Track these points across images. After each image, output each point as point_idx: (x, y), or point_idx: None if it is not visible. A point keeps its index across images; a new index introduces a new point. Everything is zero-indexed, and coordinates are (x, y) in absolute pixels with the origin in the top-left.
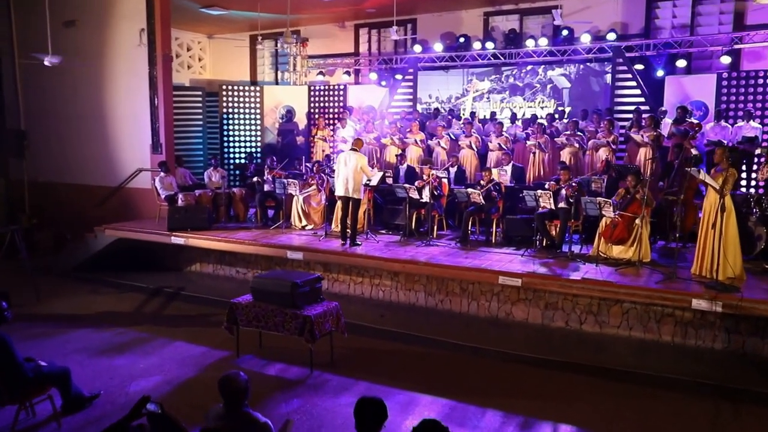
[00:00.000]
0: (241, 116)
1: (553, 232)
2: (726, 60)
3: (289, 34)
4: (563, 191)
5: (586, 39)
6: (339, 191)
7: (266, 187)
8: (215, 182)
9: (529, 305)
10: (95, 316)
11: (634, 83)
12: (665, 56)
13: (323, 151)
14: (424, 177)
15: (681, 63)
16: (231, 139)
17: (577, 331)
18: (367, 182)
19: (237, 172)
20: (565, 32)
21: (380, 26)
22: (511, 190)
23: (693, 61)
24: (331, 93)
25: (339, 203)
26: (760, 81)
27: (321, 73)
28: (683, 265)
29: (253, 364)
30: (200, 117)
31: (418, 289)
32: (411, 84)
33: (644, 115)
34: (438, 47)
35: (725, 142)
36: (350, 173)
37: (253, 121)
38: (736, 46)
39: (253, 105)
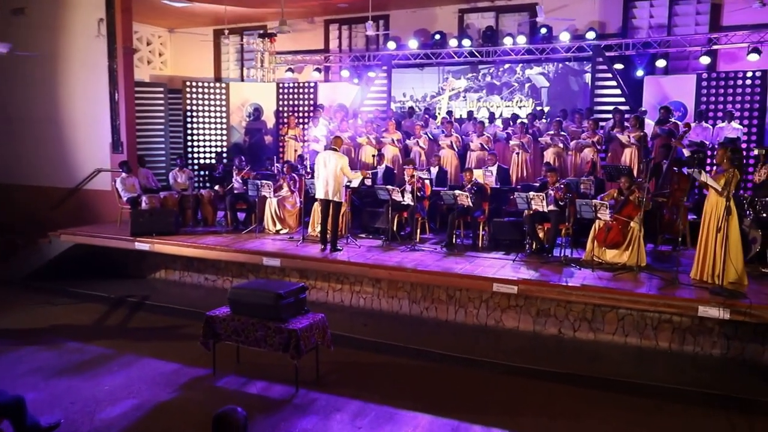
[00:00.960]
0: (206, 114)
1: (541, 235)
2: (705, 60)
3: (284, 21)
4: (551, 193)
5: (565, 37)
6: (319, 194)
7: (236, 189)
8: (181, 183)
9: (520, 312)
10: (51, 330)
11: (614, 83)
12: (645, 56)
13: (295, 150)
14: (407, 178)
15: (661, 63)
16: (195, 138)
17: (571, 339)
18: (348, 183)
19: (204, 173)
20: (543, 30)
21: (351, 22)
22: (496, 191)
23: (670, 61)
24: (300, 91)
25: (317, 206)
26: (739, 82)
27: (290, 69)
28: (680, 270)
29: (232, 382)
30: (162, 115)
31: (401, 297)
32: (385, 82)
33: (627, 116)
34: (413, 44)
35: (707, 143)
36: (330, 175)
37: (218, 120)
38: (714, 47)
39: (218, 103)
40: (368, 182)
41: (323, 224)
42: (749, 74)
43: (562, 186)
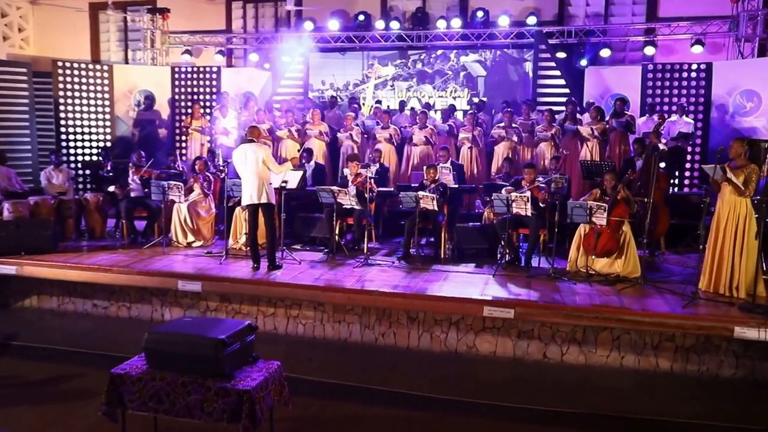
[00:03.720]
0: (84, 102)
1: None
2: (650, 51)
3: None
4: (528, 193)
5: (504, 22)
6: (244, 199)
7: (133, 192)
8: (58, 186)
9: (497, 335)
10: None
11: (557, 72)
12: (587, 46)
13: (202, 144)
14: (350, 177)
15: (605, 53)
16: (72, 131)
17: (558, 365)
18: (283, 184)
19: (87, 171)
20: (480, 14)
21: (257, 0)
22: (453, 192)
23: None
24: (200, 77)
25: (240, 212)
26: (685, 74)
27: (187, 52)
28: (673, 279)
29: None
30: (26, 102)
31: (351, 321)
32: (301, 68)
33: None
34: (333, 25)
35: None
36: (252, 172)
37: (99, 109)
38: (659, 38)
39: (99, 89)
40: (289, 184)
41: (252, 236)
42: (694, 66)
43: (543, 185)
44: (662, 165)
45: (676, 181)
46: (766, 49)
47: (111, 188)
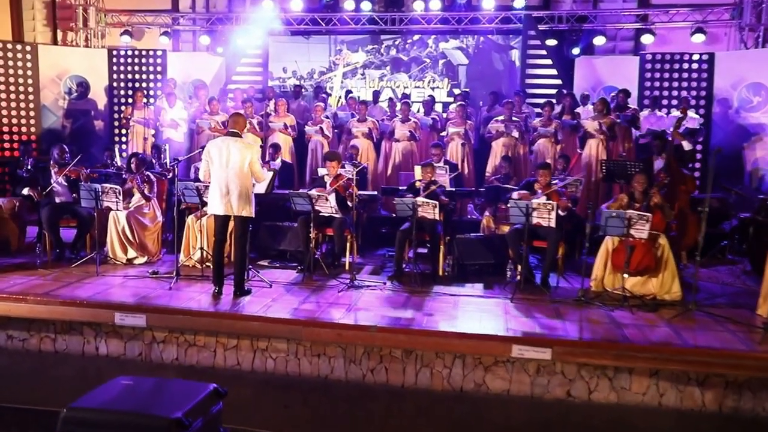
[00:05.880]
0: (2, 89)
1: None
2: (648, 40)
3: None
4: (543, 198)
5: (489, 5)
6: (215, 207)
7: (57, 196)
8: None
9: (511, 371)
10: None
11: (548, 62)
12: (579, 33)
13: (145, 138)
14: (328, 179)
15: (599, 40)
16: None
17: (584, 405)
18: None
19: (6, 172)
20: None
21: None
22: (449, 197)
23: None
24: (142, 61)
25: (193, 222)
26: (686, 65)
27: (127, 33)
28: (719, 301)
29: None
30: None
31: (332, 354)
32: (259, 53)
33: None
34: (296, 5)
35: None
36: (233, 176)
37: (22, 96)
38: (658, 25)
39: (19, 73)
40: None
41: (218, 254)
42: (696, 57)
43: (563, 190)
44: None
45: None
46: None
47: (25, 191)
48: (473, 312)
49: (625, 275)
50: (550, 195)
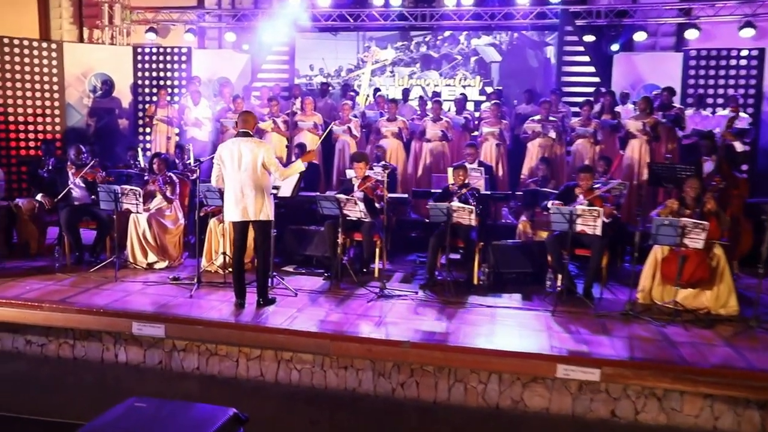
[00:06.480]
0: (27, 87)
1: None
2: (692, 35)
3: None
4: (585, 203)
5: (523, 0)
6: (228, 213)
7: (76, 198)
8: None
9: (551, 387)
10: None
11: (585, 58)
12: (618, 28)
13: (168, 138)
14: (356, 181)
15: (640, 36)
16: (11, 119)
17: (631, 427)
18: (274, 190)
19: (23, 171)
20: None
21: None
22: (484, 201)
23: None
24: (167, 59)
25: (216, 226)
26: (733, 62)
27: (152, 30)
28: None
29: None
30: None
31: (360, 366)
32: (286, 50)
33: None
34: (324, 1)
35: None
36: (247, 178)
37: (47, 95)
38: (703, 20)
39: (45, 71)
40: (282, 191)
41: (238, 263)
42: (744, 53)
43: (607, 195)
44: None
45: None
46: None
47: (39, 196)
48: (512, 326)
49: (676, 287)
50: (592, 200)
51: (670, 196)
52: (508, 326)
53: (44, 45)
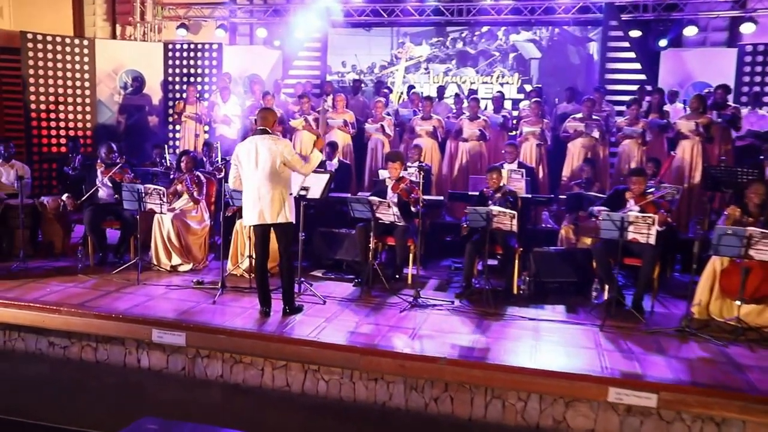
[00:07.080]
0: (59, 83)
1: None
2: (749, 29)
3: None
4: (636, 209)
5: None
6: (247, 216)
7: (102, 197)
8: (7, 185)
9: (597, 408)
10: None
11: (630, 55)
12: (668, 23)
13: (197, 135)
14: (389, 182)
15: (690, 31)
16: (44, 116)
17: None
18: (303, 192)
19: (50, 168)
20: None
21: None
22: (524, 204)
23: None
24: (198, 55)
25: (242, 228)
26: None
27: (183, 26)
28: None
29: None
30: None
31: (391, 380)
32: (318, 46)
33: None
34: None
35: None
36: (264, 178)
37: (78, 91)
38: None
39: (77, 68)
40: (311, 192)
41: (260, 270)
42: None
43: (661, 200)
44: None
45: None
46: None
47: (64, 197)
48: (558, 342)
49: (739, 302)
50: (645, 206)
51: (726, 201)
52: (552, 342)
53: (76, 42)
